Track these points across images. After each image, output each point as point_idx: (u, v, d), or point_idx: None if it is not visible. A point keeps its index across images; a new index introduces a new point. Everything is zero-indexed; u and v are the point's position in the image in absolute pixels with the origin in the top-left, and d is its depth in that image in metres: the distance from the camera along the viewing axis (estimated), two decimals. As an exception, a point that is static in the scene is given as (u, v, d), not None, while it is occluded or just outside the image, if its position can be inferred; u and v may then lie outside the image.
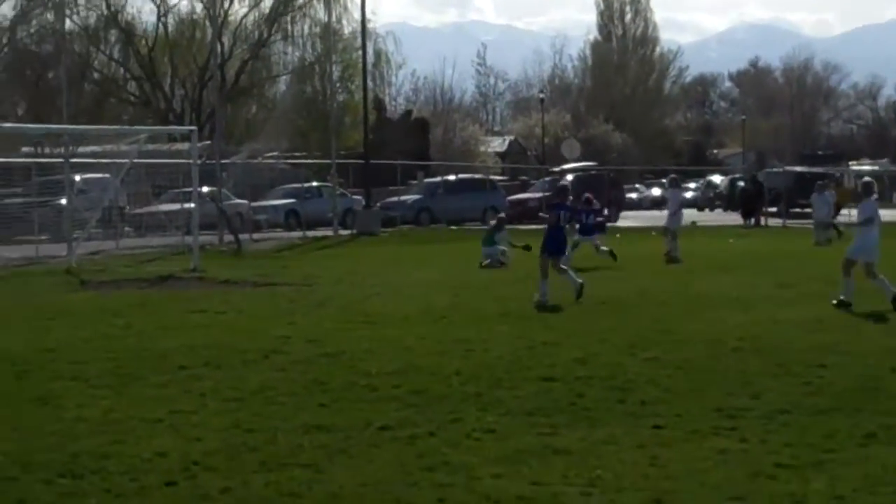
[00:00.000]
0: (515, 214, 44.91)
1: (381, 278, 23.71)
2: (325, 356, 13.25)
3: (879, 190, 21.75)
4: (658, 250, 28.49)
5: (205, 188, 35.06)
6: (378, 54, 65.81)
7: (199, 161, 31.77)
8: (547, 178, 55.97)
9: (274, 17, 66.41)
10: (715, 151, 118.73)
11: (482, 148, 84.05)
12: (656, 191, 72.21)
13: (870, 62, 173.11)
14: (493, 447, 8.92)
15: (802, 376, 11.60)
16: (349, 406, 10.51)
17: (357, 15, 54.84)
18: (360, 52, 50.61)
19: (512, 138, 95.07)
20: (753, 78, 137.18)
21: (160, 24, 67.91)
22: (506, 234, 28.05)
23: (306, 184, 49.01)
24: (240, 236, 35.52)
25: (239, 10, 66.60)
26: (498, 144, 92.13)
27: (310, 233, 42.07)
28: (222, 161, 40.26)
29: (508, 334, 14.90)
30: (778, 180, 53.61)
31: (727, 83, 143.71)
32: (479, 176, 60.16)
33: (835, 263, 19.10)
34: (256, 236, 40.27)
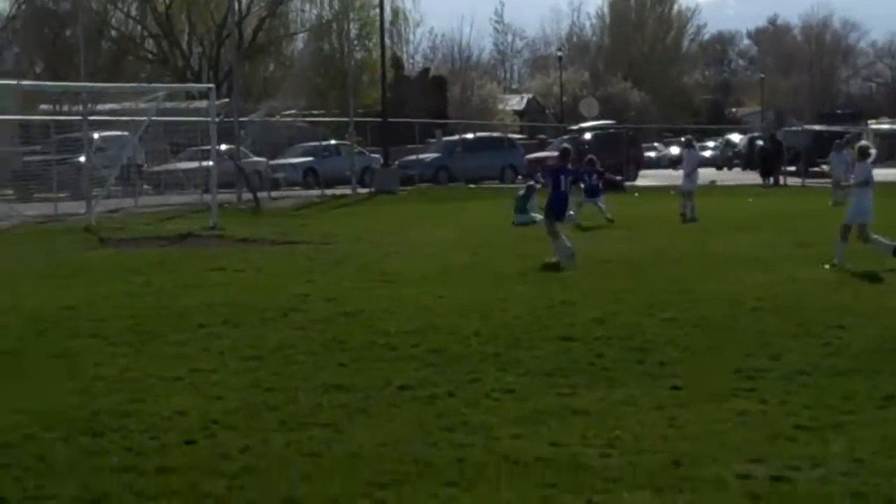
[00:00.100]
0: (533, 172, 44.70)
1: (400, 237, 23.69)
2: (344, 315, 13.27)
3: None
4: (676, 210, 28.42)
5: (223, 146, 35.05)
6: (395, 12, 65.68)
7: (217, 119, 31.75)
8: (565, 137, 55.77)
9: (292, -26, 66.29)
10: (733, 110, 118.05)
11: (500, 106, 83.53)
12: (675, 149, 71.82)
13: (889, 20, 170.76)
14: (512, 407, 8.93)
15: (821, 337, 11.57)
16: (368, 365, 10.53)
17: (375, -28, 54.76)
18: (378, 10, 50.42)
19: (530, 96, 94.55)
20: (772, 36, 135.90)
21: (177, -19, 67.78)
22: (536, 202, 27.93)
23: (324, 142, 48.98)
24: (258, 194, 35.51)
25: (256, -33, 66.55)
26: (516, 103, 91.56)
27: (328, 191, 42.00)
28: (240, 119, 40.18)
29: (527, 294, 14.88)
30: (797, 139, 53.27)
31: (745, 41, 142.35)
32: (498, 134, 59.98)
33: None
34: (275, 194, 40.31)
